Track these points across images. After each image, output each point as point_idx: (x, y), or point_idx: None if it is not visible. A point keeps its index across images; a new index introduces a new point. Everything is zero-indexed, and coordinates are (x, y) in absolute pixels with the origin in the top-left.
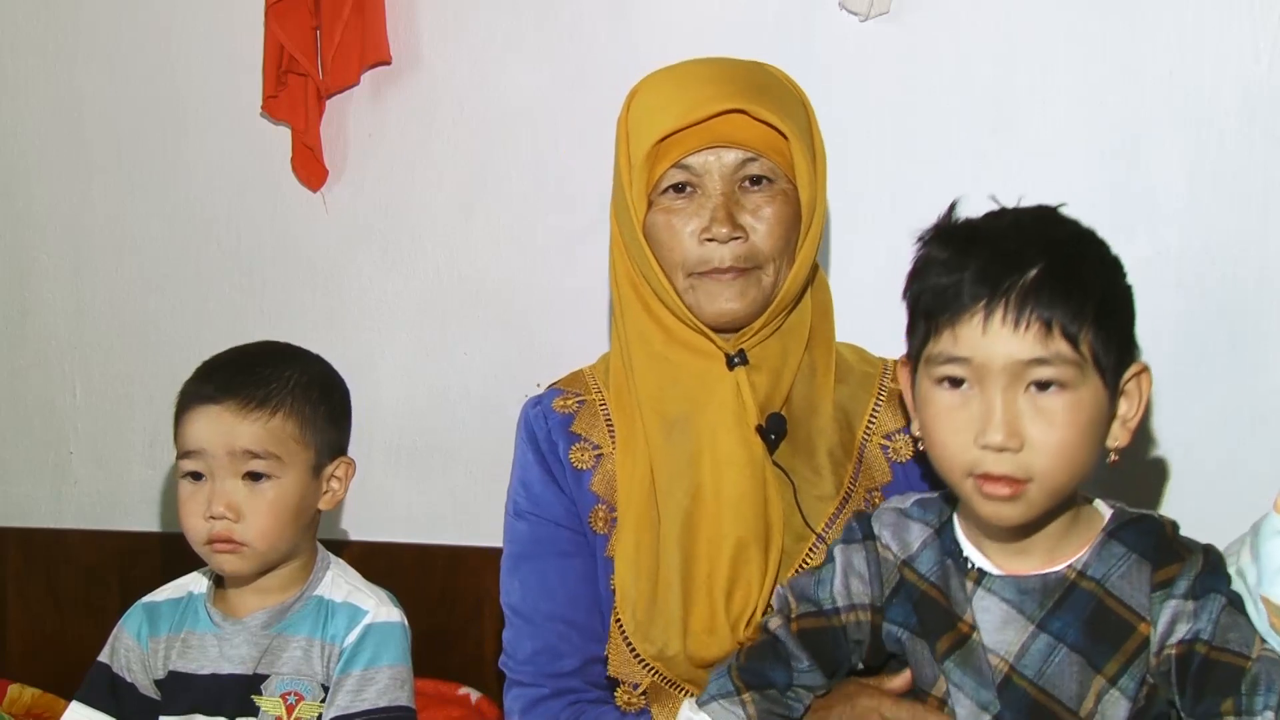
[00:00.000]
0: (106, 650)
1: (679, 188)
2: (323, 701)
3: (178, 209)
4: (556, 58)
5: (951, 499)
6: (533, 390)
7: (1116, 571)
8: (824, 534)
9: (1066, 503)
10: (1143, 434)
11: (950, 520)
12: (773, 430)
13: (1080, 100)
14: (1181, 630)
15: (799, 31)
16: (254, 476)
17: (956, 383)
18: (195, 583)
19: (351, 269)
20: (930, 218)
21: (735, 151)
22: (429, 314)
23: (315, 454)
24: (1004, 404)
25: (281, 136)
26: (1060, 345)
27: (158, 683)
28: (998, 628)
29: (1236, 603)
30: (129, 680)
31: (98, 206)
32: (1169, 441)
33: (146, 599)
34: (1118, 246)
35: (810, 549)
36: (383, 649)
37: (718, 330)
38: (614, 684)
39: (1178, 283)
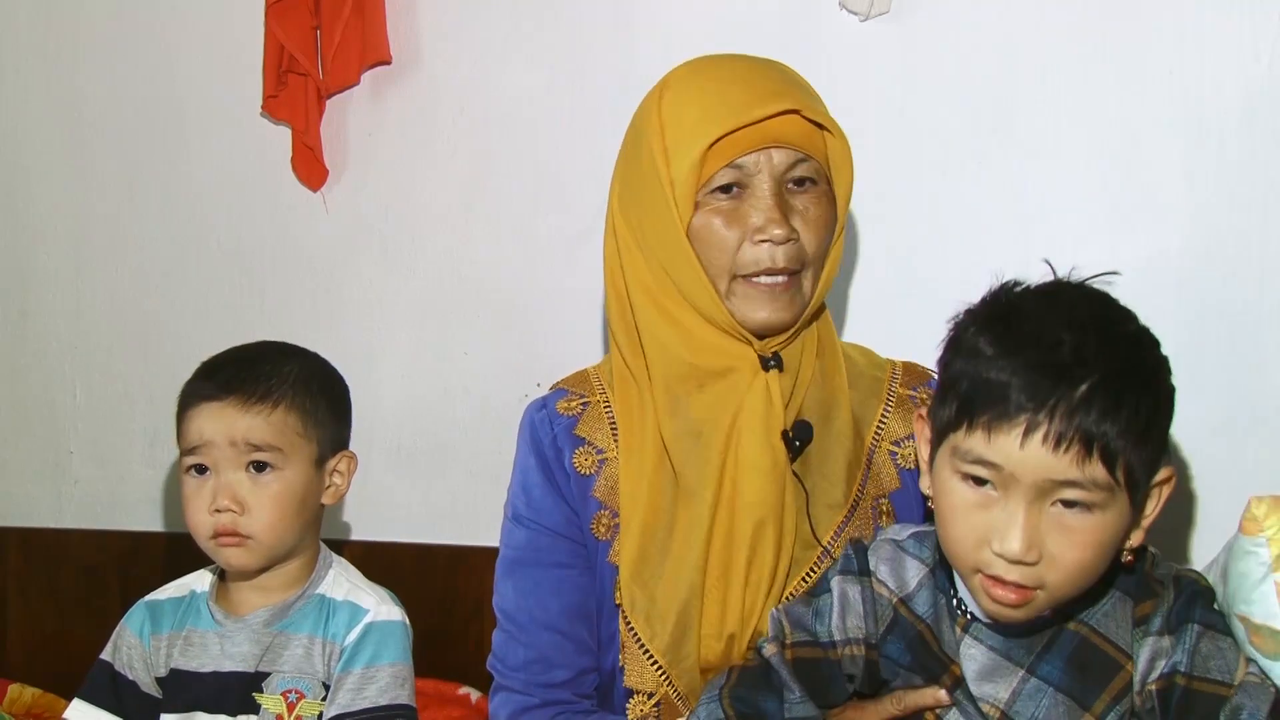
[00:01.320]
0: (109, 648)
1: (726, 188)
2: (324, 700)
3: (178, 209)
4: (556, 58)
5: None
6: (533, 390)
7: (1102, 609)
8: (830, 545)
9: None
10: None
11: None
12: (799, 437)
13: (1080, 100)
14: (1160, 666)
15: (799, 31)
16: (258, 468)
17: (980, 482)
18: (197, 581)
19: (351, 269)
20: (929, 218)
21: (786, 151)
22: (429, 314)
23: (317, 447)
24: (1027, 517)
25: (281, 136)
26: (1096, 470)
27: (159, 680)
28: (983, 676)
29: (1218, 626)
30: (130, 678)
31: (98, 206)
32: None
33: (149, 597)
34: (1118, 247)
35: (818, 559)
36: (383, 647)
37: (758, 336)
38: (629, 694)
39: (1178, 283)
